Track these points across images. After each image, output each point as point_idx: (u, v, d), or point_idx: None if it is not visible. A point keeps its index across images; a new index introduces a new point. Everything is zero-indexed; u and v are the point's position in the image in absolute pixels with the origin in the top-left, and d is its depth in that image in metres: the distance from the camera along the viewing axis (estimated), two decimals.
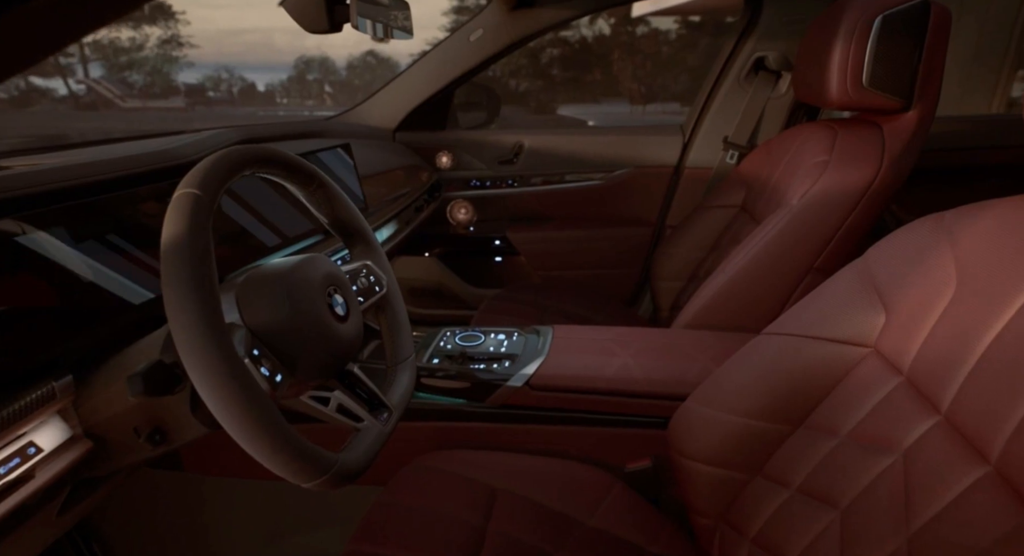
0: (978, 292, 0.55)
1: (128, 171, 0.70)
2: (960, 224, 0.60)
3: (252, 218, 0.88)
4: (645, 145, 1.60)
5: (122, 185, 0.69)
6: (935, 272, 0.59)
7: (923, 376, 0.57)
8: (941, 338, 0.56)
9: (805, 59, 1.15)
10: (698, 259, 1.46)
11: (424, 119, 1.70)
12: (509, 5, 1.43)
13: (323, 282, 0.61)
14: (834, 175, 1.01)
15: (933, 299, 0.58)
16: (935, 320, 0.58)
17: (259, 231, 0.89)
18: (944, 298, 0.58)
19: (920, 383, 0.57)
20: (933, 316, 0.58)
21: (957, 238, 0.59)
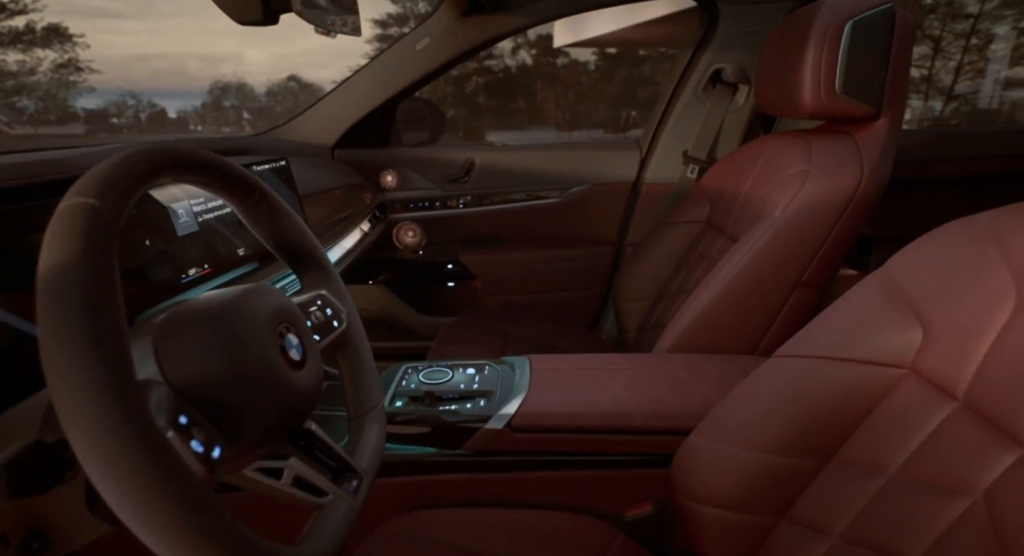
0: None
1: (3, 184, 0.53)
2: (1007, 227, 0.54)
3: (170, 240, 0.71)
4: (602, 161, 1.54)
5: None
6: (985, 283, 0.52)
7: (990, 403, 0.50)
8: (1008, 358, 0.49)
9: (768, 69, 1.13)
10: (664, 278, 1.40)
11: (366, 135, 1.56)
12: (458, 12, 1.34)
13: (272, 319, 0.46)
14: (817, 184, 0.97)
15: (987, 313, 0.51)
16: (994, 337, 0.50)
17: (180, 257, 0.72)
18: (1002, 312, 0.51)
19: (986, 410, 0.50)
20: (990, 333, 0.51)
21: (1007, 243, 0.53)
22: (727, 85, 1.40)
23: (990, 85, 8.64)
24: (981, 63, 8.40)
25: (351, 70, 1.51)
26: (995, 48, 8.43)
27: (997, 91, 8.60)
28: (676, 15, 9.12)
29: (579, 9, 1.34)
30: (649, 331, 1.36)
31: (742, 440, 0.67)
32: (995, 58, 8.50)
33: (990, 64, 8.48)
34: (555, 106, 17.99)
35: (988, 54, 8.42)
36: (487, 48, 1.41)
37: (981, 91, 8.61)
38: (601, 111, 17.07)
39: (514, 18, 1.34)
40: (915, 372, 0.57)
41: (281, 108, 11.94)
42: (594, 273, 1.65)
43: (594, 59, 18.08)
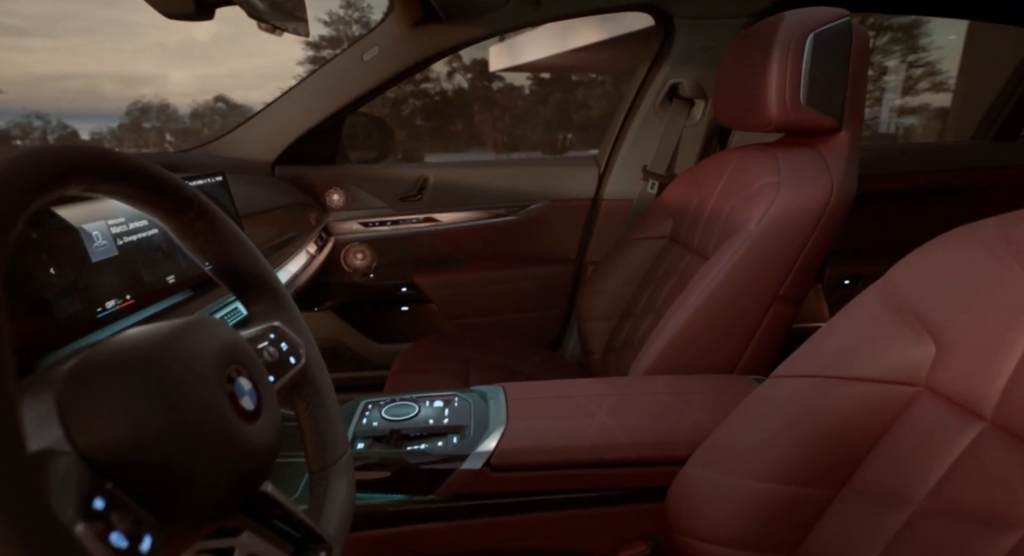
0: None
1: None
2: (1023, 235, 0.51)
3: (82, 267, 0.59)
4: (559, 177, 1.50)
5: None
6: (1005, 294, 0.49)
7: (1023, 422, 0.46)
8: None
9: (728, 84, 1.12)
10: (628, 296, 1.36)
11: (310, 151, 1.45)
12: (410, 20, 1.27)
13: (219, 359, 0.37)
14: (789, 196, 0.95)
15: (1010, 326, 0.48)
16: (1021, 351, 0.47)
17: (95, 287, 0.60)
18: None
19: (1020, 430, 0.46)
20: (1017, 346, 0.47)
21: (1021, 247, 0.50)
22: (683, 100, 1.39)
23: (886, 112, 9.42)
24: (877, 92, 9.18)
25: (281, 91, 1.41)
26: (888, 79, 9.24)
27: (893, 118, 9.41)
28: (607, 42, 9.46)
29: (537, 21, 1.30)
30: (617, 351, 1.31)
31: (743, 469, 0.62)
32: (888, 88, 9.32)
33: (885, 93, 9.28)
34: (492, 128, 18.21)
35: (882, 84, 9.23)
36: (441, 58, 1.34)
37: (879, 118, 9.39)
38: (538, 133, 17.42)
39: (469, 28, 1.28)
40: (930, 390, 0.53)
41: (209, 130, 11.44)
42: (555, 293, 1.59)
43: (529, 83, 18.50)
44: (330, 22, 17.02)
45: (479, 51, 18.51)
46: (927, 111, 8.78)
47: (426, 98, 17.80)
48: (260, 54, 33.86)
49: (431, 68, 18.17)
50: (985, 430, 0.48)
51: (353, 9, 17.10)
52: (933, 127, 8.25)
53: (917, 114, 8.91)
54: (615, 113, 1.49)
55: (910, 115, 9.14)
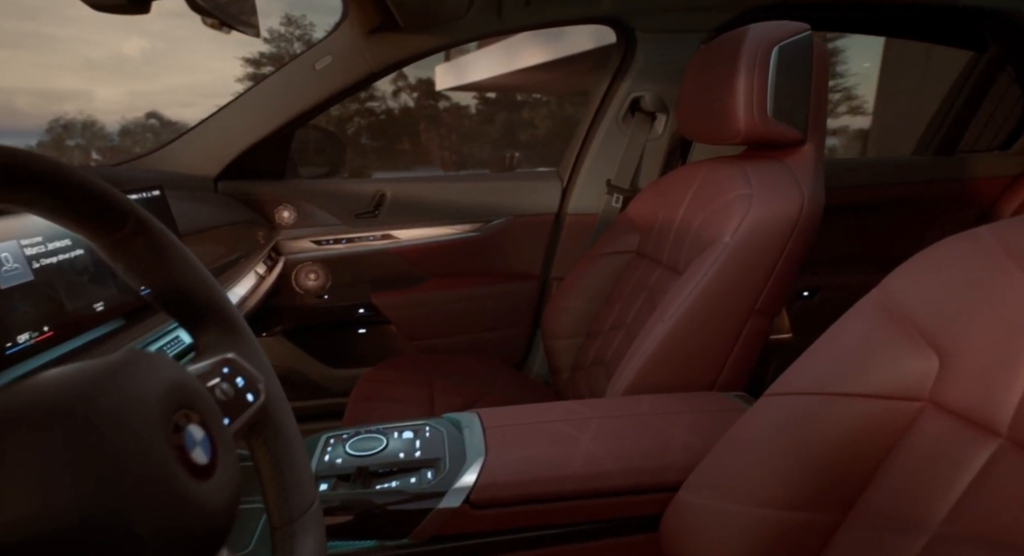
0: None
1: None
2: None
3: None
4: (522, 192, 1.46)
5: None
6: (1010, 304, 0.47)
7: None
8: None
9: (693, 97, 1.11)
10: (596, 312, 1.33)
11: (257, 165, 1.36)
12: (366, 27, 1.21)
13: (164, 405, 0.30)
14: (763, 207, 0.94)
15: (1020, 337, 0.46)
16: None
17: (4, 317, 0.51)
18: None
19: None
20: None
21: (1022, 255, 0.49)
22: (645, 114, 1.39)
23: None
24: None
25: None
26: None
27: None
28: (553, 63, 9.65)
29: (498, 31, 1.27)
30: (587, 369, 1.27)
31: (740, 494, 0.58)
32: None
33: None
34: (440, 147, 18.19)
35: None
36: (399, 68, 1.29)
37: None
38: (485, 152, 17.52)
39: (429, 37, 1.23)
40: (934, 405, 0.51)
41: (140, 148, 10.89)
42: (519, 310, 1.54)
43: (475, 103, 18.65)
44: (270, 39, 16.66)
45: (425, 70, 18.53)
46: (846, 132, 9.37)
47: (372, 116, 17.65)
48: (196, 71, 32.72)
49: (376, 86, 18.01)
50: (1002, 447, 0.46)
51: (294, 26, 16.82)
52: (853, 147, 8.79)
53: (838, 135, 9.49)
54: (577, 127, 1.47)
55: (831, 136, 9.76)
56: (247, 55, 13.67)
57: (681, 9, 1.25)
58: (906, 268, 0.58)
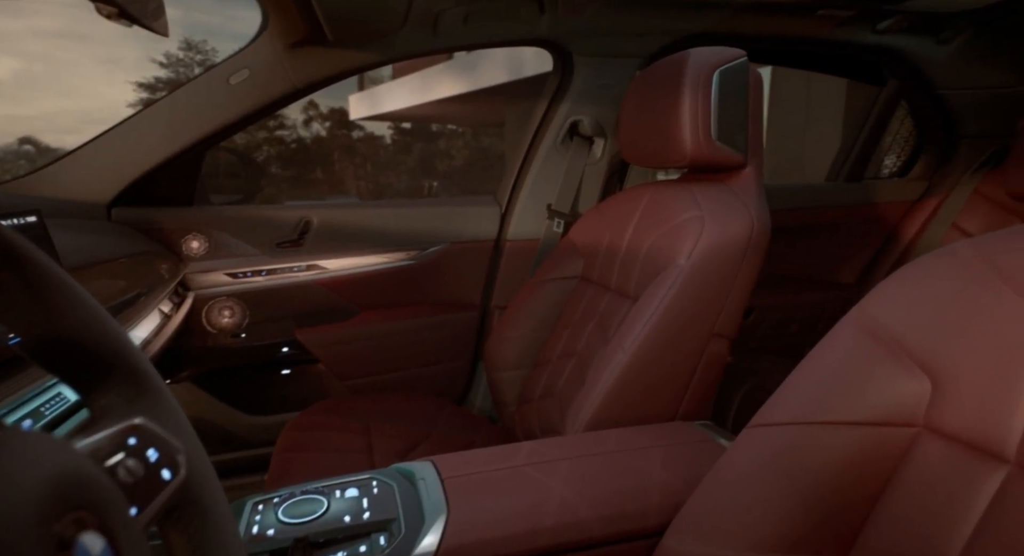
0: None
1: None
2: (1012, 260, 0.48)
3: None
4: (459, 218, 1.39)
5: None
6: (1002, 323, 0.46)
7: None
8: None
9: (634, 122, 1.11)
10: (542, 341, 1.28)
11: (161, 190, 1.20)
12: (288, 40, 1.11)
13: (44, 510, 0.20)
14: (716, 229, 0.93)
15: (1016, 358, 0.44)
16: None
17: None
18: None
19: None
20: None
21: (1012, 273, 0.46)
22: (584, 138, 1.38)
23: None
24: None
25: None
26: None
27: None
28: (469, 95, 9.77)
29: (433, 49, 1.21)
30: (536, 402, 1.20)
31: (731, 538, 0.53)
32: None
33: None
34: (355, 176, 17.82)
35: None
36: (326, 85, 1.19)
37: None
38: (403, 181, 17.37)
39: (360, 52, 1.15)
40: (930, 430, 0.48)
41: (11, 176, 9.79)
42: (459, 342, 1.46)
43: (390, 133, 18.54)
44: (167, 64, 15.76)
45: (338, 99, 18.22)
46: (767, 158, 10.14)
47: (282, 145, 17.07)
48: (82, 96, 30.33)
49: (286, 114, 17.47)
50: (1012, 475, 0.43)
51: (195, 51, 16.02)
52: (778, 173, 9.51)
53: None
54: (514, 151, 1.43)
55: None
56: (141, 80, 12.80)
57: (618, 34, 1.25)
58: (885, 287, 0.56)
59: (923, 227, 1.64)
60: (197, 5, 36.33)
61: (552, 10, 1.17)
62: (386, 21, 1.04)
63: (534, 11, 1.17)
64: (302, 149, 17.68)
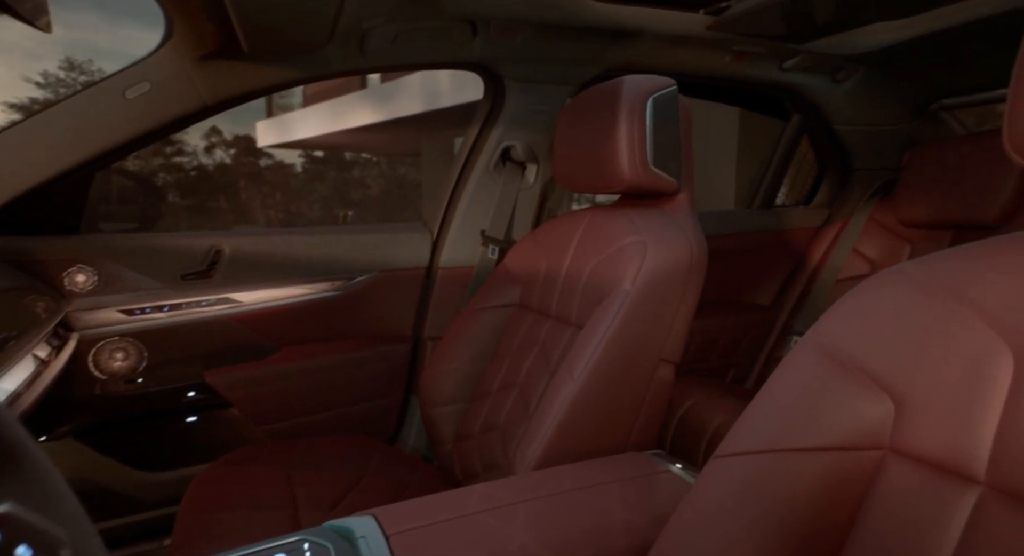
0: None
1: None
2: (963, 278, 0.48)
3: None
4: (387, 245, 1.32)
5: None
6: (962, 343, 0.46)
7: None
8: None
9: (568, 148, 1.10)
10: (479, 372, 1.22)
11: (38, 216, 1.04)
12: (197, 51, 1.01)
13: None
14: (659, 253, 0.93)
15: (979, 378, 0.44)
16: (1002, 405, 0.43)
17: None
18: (998, 374, 0.44)
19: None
20: (994, 399, 0.43)
21: (972, 297, 0.47)
22: (516, 164, 1.36)
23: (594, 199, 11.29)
24: None
25: None
26: None
27: None
28: (384, 124, 9.68)
29: (359, 69, 1.15)
30: (476, 438, 1.14)
31: None
32: None
33: None
34: (262, 205, 16.99)
35: None
36: (241, 103, 1.10)
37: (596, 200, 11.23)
38: (315, 210, 16.76)
39: (281, 69, 1.07)
40: (896, 452, 0.48)
41: None
42: (390, 377, 1.36)
43: (302, 161, 17.93)
44: (45, 84, 14.43)
45: (244, 126, 17.47)
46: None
47: (180, 172, 16.03)
48: None
49: (185, 139, 16.46)
50: (984, 496, 0.43)
51: (78, 72, 14.79)
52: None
53: None
54: (446, 176, 1.39)
55: None
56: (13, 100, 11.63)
57: (550, 61, 1.26)
58: (840, 309, 0.55)
59: (828, 251, 1.75)
60: (83, 22, 33.72)
61: (485, 34, 1.16)
62: (310, 36, 0.97)
63: (466, 34, 1.15)
64: (204, 177, 16.70)
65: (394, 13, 1.02)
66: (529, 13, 1.12)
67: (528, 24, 1.14)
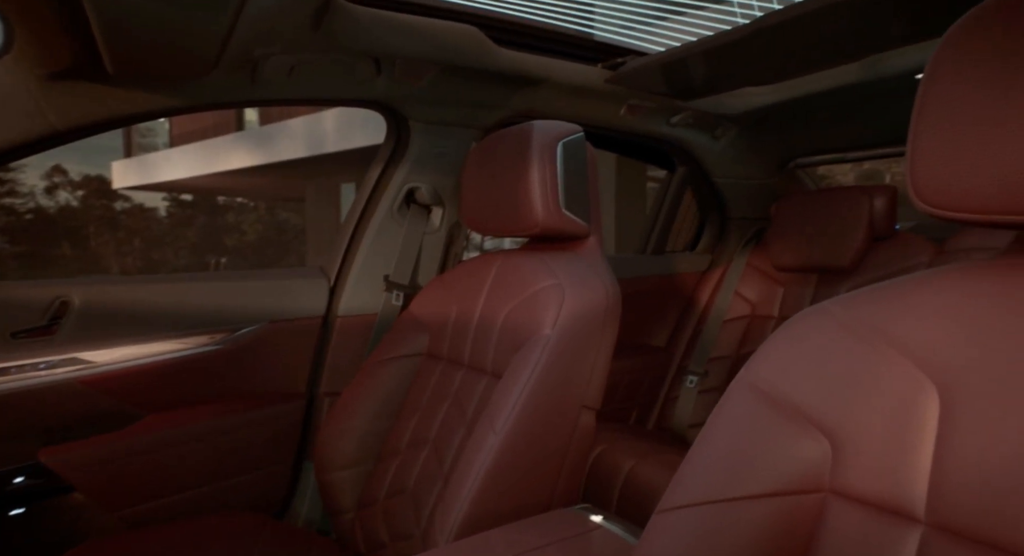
0: (983, 388, 0.43)
1: None
2: (886, 316, 0.49)
3: None
4: (278, 292, 1.19)
5: None
6: (889, 382, 0.47)
7: (966, 516, 0.41)
8: (963, 462, 0.42)
9: (477, 191, 1.08)
10: (384, 430, 1.12)
11: None
12: (44, 68, 0.86)
13: None
14: (576, 296, 0.91)
15: (909, 416, 0.45)
16: (933, 443, 0.44)
17: None
18: (926, 412, 0.45)
19: (968, 529, 0.41)
20: (924, 438, 0.44)
21: (888, 332, 0.48)
22: (421, 206, 1.31)
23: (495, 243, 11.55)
24: None
25: None
26: None
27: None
28: (262, 168, 9.22)
29: (249, 101, 1.05)
30: (382, 503, 1.03)
31: None
32: None
33: None
34: (118, 252, 15.22)
35: None
36: (102, 131, 0.95)
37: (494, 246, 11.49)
38: (182, 258, 15.31)
39: (154, 95, 0.94)
40: (837, 494, 0.47)
41: None
42: (280, 440, 1.21)
43: (166, 205, 16.44)
44: None
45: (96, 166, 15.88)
46: None
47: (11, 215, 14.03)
48: None
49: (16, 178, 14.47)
50: (927, 535, 0.43)
51: None
52: None
53: None
54: (345, 218, 1.30)
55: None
56: None
57: (457, 104, 1.24)
58: (770, 347, 0.56)
59: (713, 294, 1.87)
60: None
61: (389, 73, 1.12)
62: (191, 60, 0.87)
63: (370, 71, 1.10)
64: (42, 220, 14.77)
65: (292, 43, 0.95)
66: (437, 54, 1.10)
67: (435, 65, 1.12)
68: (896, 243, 1.51)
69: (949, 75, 0.46)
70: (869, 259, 1.54)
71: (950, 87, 0.46)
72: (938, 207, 0.47)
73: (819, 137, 1.72)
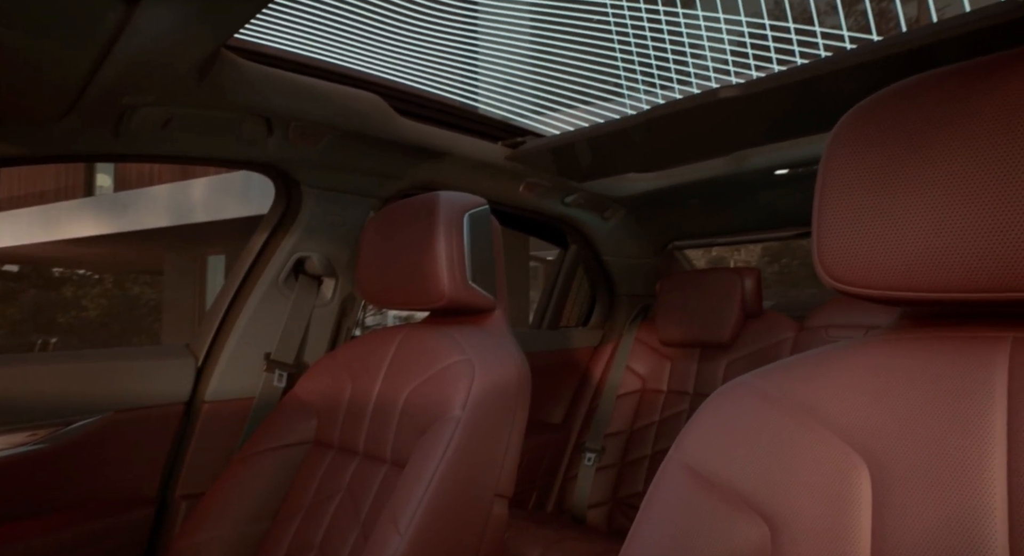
0: (909, 462, 0.43)
1: None
2: (807, 389, 0.49)
3: None
4: (129, 375, 1.00)
5: None
6: (819, 458, 0.46)
7: None
8: (902, 536, 0.41)
9: (378, 261, 1.02)
10: (258, 536, 0.95)
11: None
12: None
13: None
14: (487, 374, 0.85)
15: (843, 494, 0.44)
16: (870, 520, 0.43)
17: None
18: (859, 489, 0.44)
19: None
20: (860, 515, 0.43)
21: (815, 407, 0.48)
22: (311, 277, 1.20)
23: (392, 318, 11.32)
24: None
25: None
26: None
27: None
28: (113, 237, 8.32)
29: (109, 156, 0.92)
30: None
31: None
32: None
33: None
34: None
35: None
36: None
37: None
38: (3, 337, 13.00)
39: None
40: None
41: None
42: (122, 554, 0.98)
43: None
44: None
45: None
46: None
47: None
48: None
49: None
50: None
51: None
52: None
53: None
54: (221, 289, 1.15)
55: None
56: None
57: (354, 171, 1.18)
58: (698, 426, 0.54)
59: (606, 369, 1.89)
60: None
61: (282, 134, 1.04)
62: (39, 103, 0.75)
63: (260, 131, 1.03)
64: None
65: (170, 94, 0.86)
66: (335, 119, 1.05)
67: (334, 130, 1.07)
68: (765, 321, 1.65)
69: (843, 160, 0.50)
70: (744, 335, 1.66)
71: (845, 173, 0.49)
72: (845, 283, 0.49)
73: (694, 222, 1.87)
